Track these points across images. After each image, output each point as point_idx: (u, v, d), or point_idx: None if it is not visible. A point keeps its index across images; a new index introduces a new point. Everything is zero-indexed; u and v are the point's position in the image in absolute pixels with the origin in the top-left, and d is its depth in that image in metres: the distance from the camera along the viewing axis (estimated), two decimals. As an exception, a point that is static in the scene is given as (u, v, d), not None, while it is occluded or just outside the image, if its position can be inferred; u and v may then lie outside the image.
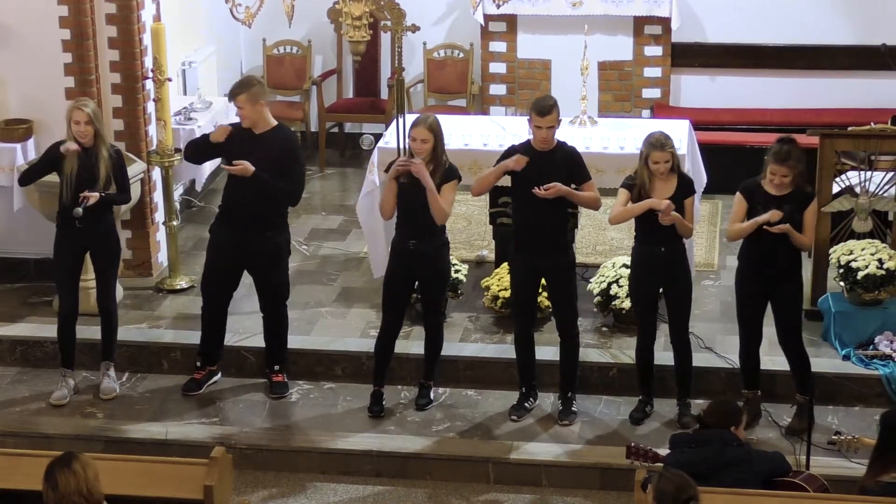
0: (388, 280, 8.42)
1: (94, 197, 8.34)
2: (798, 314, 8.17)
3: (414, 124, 8.24)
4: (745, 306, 8.17)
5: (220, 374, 8.94)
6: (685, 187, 8.10)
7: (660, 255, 8.09)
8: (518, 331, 8.44)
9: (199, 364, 8.87)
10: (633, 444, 6.94)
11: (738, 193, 8.05)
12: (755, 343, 8.23)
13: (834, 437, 7.31)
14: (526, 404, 8.51)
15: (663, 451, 6.82)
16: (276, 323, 8.76)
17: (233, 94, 8.45)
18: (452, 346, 8.99)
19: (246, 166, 8.32)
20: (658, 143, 7.96)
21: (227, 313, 8.81)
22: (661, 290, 8.26)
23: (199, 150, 8.70)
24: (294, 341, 9.02)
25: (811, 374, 8.10)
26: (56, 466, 5.62)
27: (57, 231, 8.60)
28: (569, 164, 8.17)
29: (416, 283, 8.47)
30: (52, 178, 8.60)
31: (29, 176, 8.67)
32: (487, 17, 12.19)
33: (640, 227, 8.14)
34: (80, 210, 8.36)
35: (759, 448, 7.20)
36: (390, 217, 8.37)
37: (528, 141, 8.24)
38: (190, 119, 10.56)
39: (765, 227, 7.85)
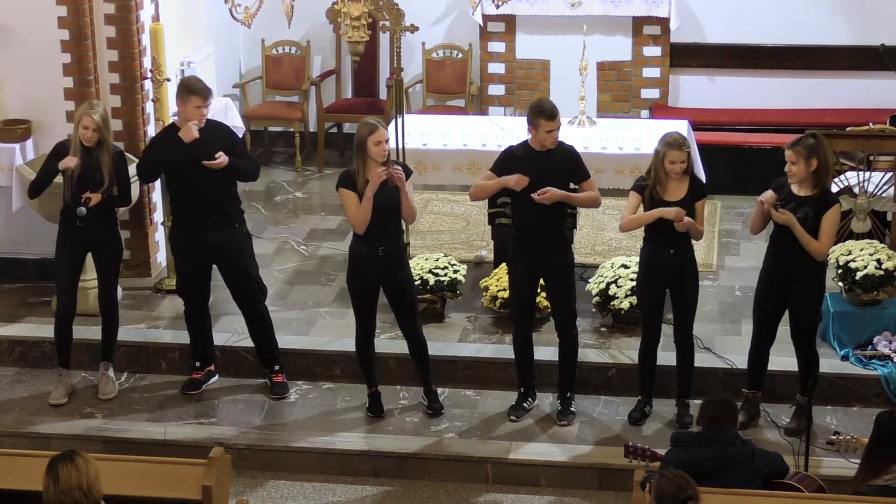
0: (357, 287, 8.31)
1: (95, 198, 8.35)
2: (812, 317, 8.13)
3: (371, 130, 8.00)
4: (763, 305, 8.16)
5: (217, 377, 8.94)
6: (696, 190, 8.08)
7: (669, 256, 8.08)
8: (517, 332, 8.43)
9: (197, 364, 8.87)
10: (630, 444, 6.95)
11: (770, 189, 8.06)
12: (767, 343, 8.22)
13: (833, 437, 7.31)
14: (524, 404, 8.51)
15: (662, 451, 6.83)
16: (260, 323, 8.73)
17: (208, 94, 8.43)
18: (451, 347, 8.99)
19: (224, 157, 8.34)
20: (676, 142, 7.96)
21: (209, 313, 8.83)
22: (667, 290, 8.24)
23: (160, 165, 8.57)
24: (293, 341, 9.03)
25: (817, 377, 8.05)
26: (58, 460, 5.64)
27: (59, 230, 8.60)
28: (568, 163, 8.17)
29: (382, 288, 8.35)
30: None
31: (37, 188, 8.60)
32: (486, 18, 12.20)
33: (649, 228, 8.12)
34: (83, 209, 8.36)
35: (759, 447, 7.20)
36: (364, 229, 8.15)
37: (526, 142, 8.24)
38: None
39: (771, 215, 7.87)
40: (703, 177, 9.57)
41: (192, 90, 8.39)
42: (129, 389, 8.91)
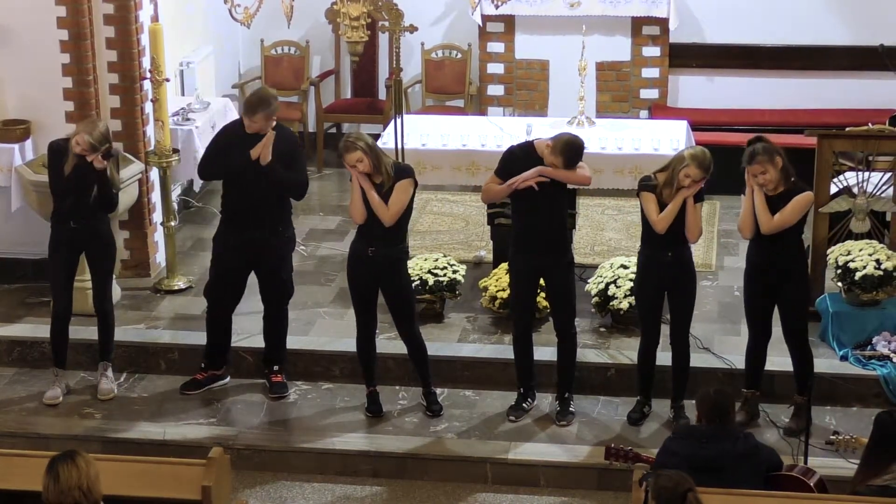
0: (353, 285, 8.36)
1: (101, 163, 8.31)
2: (802, 315, 8.14)
3: (342, 154, 8.12)
4: (751, 306, 8.18)
5: (228, 378, 8.92)
6: (696, 195, 8.08)
7: (667, 259, 8.09)
8: (517, 332, 8.43)
9: (202, 366, 8.87)
10: (612, 446, 6.96)
11: (742, 195, 8.06)
12: (762, 343, 8.24)
13: (832, 436, 7.31)
14: (524, 405, 8.51)
15: (646, 452, 6.85)
16: (279, 322, 8.76)
17: (249, 111, 8.34)
18: (450, 347, 8.99)
19: (267, 150, 8.27)
20: (704, 164, 7.90)
21: (232, 319, 8.82)
22: (665, 293, 8.24)
23: (223, 170, 8.54)
24: (292, 341, 9.02)
25: (812, 375, 8.08)
26: (59, 460, 5.66)
27: (52, 232, 8.59)
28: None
29: (381, 290, 8.37)
30: (51, 178, 8.60)
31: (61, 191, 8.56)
32: (485, 18, 12.19)
33: (647, 231, 8.13)
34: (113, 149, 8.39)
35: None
36: (362, 219, 8.20)
37: (531, 142, 8.23)
38: (188, 119, 10.56)
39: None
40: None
41: (245, 100, 8.43)
42: (129, 390, 8.91)
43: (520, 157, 8.18)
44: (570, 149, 8.03)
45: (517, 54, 12.40)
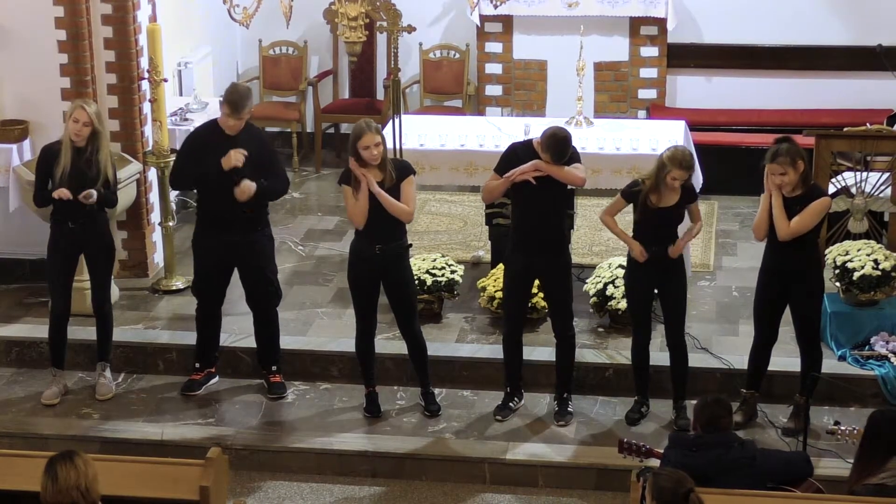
0: (356, 285, 8.33)
1: (92, 196, 8.32)
2: (813, 316, 8.11)
3: (359, 134, 7.97)
4: (761, 308, 8.16)
5: (217, 378, 8.93)
6: (689, 194, 8.09)
7: (656, 255, 8.09)
8: (507, 332, 8.41)
9: (197, 366, 8.87)
10: (625, 440, 6.95)
11: (761, 195, 8.04)
12: (770, 344, 8.22)
13: (833, 426, 7.26)
14: (511, 404, 8.50)
15: (658, 448, 6.83)
16: (269, 327, 8.74)
17: (236, 108, 8.28)
18: (448, 347, 8.99)
19: (250, 187, 8.29)
20: (685, 163, 7.89)
21: (221, 315, 8.82)
22: (655, 290, 8.25)
23: (192, 181, 8.54)
24: (290, 342, 9.02)
25: (816, 378, 8.04)
26: (57, 460, 5.65)
27: (51, 232, 8.59)
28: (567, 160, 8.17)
29: (383, 287, 8.36)
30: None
31: (43, 196, 8.50)
32: (483, 18, 12.20)
33: (638, 228, 8.13)
34: (92, 192, 8.29)
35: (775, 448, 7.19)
36: (363, 223, 8.16)
37: (531, 141, 8.24)
38: (186, 120, 10.57)
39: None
40: (700, 178, 9.56)
41: (226, 98, 8.33)
42: (127, 390, 8.91)
43: (521, 155, 8.17)
44: (552, 142, 8.02)
45: (515, 54, 12.40)
